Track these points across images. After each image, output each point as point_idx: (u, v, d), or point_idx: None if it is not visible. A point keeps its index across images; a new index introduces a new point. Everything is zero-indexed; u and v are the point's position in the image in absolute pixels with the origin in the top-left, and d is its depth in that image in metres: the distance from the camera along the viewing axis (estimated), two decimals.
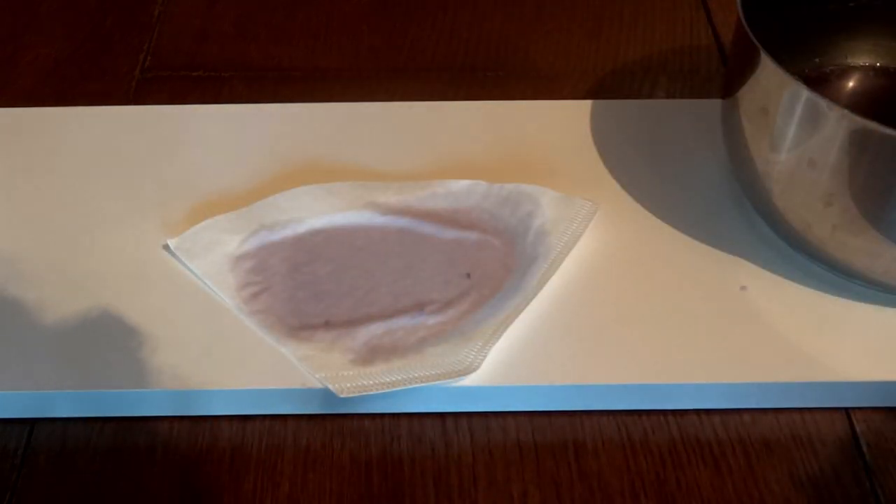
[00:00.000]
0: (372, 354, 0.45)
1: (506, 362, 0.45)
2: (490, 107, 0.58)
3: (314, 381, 0.44)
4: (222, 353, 0.45)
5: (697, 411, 0.45)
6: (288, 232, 0.50)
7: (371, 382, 0.44)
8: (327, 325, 0.46)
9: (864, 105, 0.54)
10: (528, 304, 0.47)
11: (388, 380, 0.44)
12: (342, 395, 0.44)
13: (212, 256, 0.49)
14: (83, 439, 0.44)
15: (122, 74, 0.62)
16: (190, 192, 0.52)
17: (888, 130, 0.41)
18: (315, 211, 0.51)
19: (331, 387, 0.44)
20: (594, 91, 0.61)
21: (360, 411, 0.45)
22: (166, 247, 0.49)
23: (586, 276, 0.49)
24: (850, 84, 0.55)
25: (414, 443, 0.44)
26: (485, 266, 0.49)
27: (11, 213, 0.52)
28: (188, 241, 0.49)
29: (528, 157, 0.54)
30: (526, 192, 0.52)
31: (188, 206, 0.52)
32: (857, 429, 0.45)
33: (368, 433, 0.45)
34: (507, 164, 0.54)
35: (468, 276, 0.48)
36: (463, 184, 0.52)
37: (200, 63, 0.63)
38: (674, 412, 0.45)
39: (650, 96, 0.61)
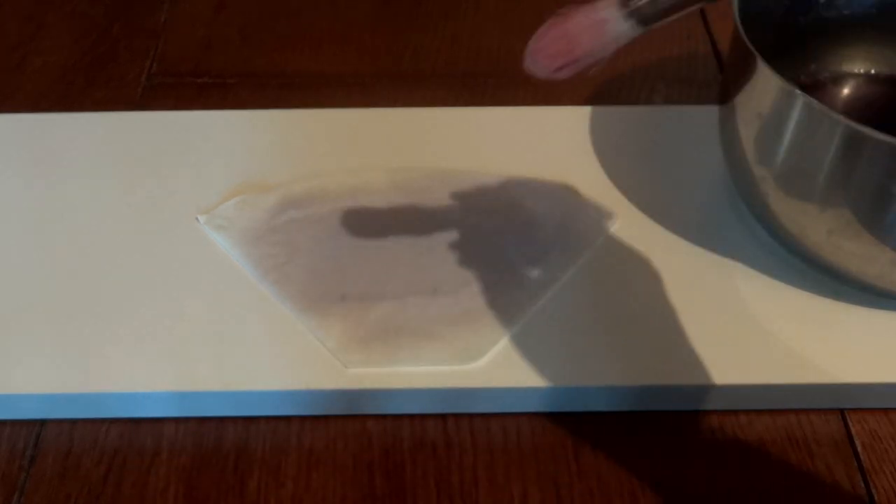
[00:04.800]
0: (383, 331, 0.46)
1: (506, 363, 0.46)
2: (490, 113, 0.59)
3: (318, 381, 0.45)
4: (227, 356, 0.46)
5: (695, 412, 0.46)
6: (313, 210, 0.52)
7: (379, 358, 0.45)
8: (343, 298, 0.48)
9: (858, 111, 0.55)
10: (542, 296, 0.48)
11: (395, 357, 0.45)
12: (349, 368, 0.45)
13: (239, 230, 0.51)
14: (90, 440, 0.45)
15: (128, 81, 0.63)
16: (195, 198, 0.53)
17: (882, 136, 0.41)
18: (342, 193, 0.53)
19: (339, 359, 0.45)
20: (593, 97, 0.62)
21: (363, 412, 0.46)
22: (196, 220, 0.52)
23: (586, 279, 0.49)
24: (845, 91, 0.55)
25: (416, 443, 0.45)
26: (501, 251, 0.50)
27: (19, 216, 0.53)
28: (218, 216, 0.51)
29: (528, 163, 0.55)
30: (551, 189, 0.53)
31: (193, 211, 0.52)
32: (852, 430, 0.45)
33: (371, 434, 0.45)
34: (506, 169, 0.55)
35: (481, 261, 0.49)
36: (489, 174, 0.54)
37: (205, 70, 0.64)
38: (672, 413, 0.46)
39: (648, 102, 0.61)
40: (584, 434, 0.45)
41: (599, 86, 0.63)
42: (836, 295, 0.48)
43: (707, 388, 0.45)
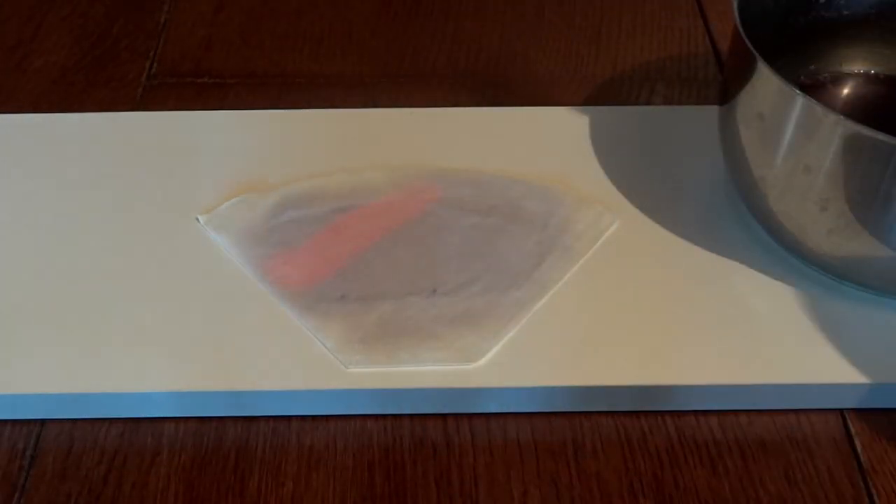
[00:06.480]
0: (383, 331, 0.46)
1: (506, 363, 0.46)
2: (490, 113, 0.59)
3: (317, 381, 0.45)
4: (227, 356, 0.46)
5: (695, 412, 0.46)
6: (314, 210, 0.52)
7: (379, 358, 0.45)
8: (343, 299, 0.48)
9: (858, 111, 0.55)
10: (542, 296, 0.48)
11: (395, 357, 0.45)
12: (349, 368, 0.45)
13: (239, 230, 0.51)
14: (90, 440, 0.45)
15: (128, 81, 0.63)
16: (195, 198, 0.53)
17: (882, 136, 0.41)
18: (342, 193, 0.53)
19: (339, 359, 0.45)
20: (593, 98, 0.62)
21: (363, 412, 0.46)
22: (196, 220, 0.52)
23: (585, 279, 0.49)
24: (845, 90, 0.55)
25: (416, 443, 0.45)
26: (501, 251, 0.50)
27: (19, 216, 0.53)
28: (218, 215, 0.51)
29: (528, 163, 0.55)
30: (551, 189, 0.53)
31: (193, 211, 0.52)
32: (852, 430, 0.45)
33: (371, 434, 0.45)
34: (506, 169, 0.55)
35: (481, 261, 0.50)
36: (489, 174, 0.54)
37: (206, 70, 0.64)
38: (672, 413, 0.46)
39: (648, 103, 0.61)
40: (584, 434, 0.45)
41: (599, 86, 0.63)
42: (836, 294, 0.48)
43: (707, 388, 0.45)
